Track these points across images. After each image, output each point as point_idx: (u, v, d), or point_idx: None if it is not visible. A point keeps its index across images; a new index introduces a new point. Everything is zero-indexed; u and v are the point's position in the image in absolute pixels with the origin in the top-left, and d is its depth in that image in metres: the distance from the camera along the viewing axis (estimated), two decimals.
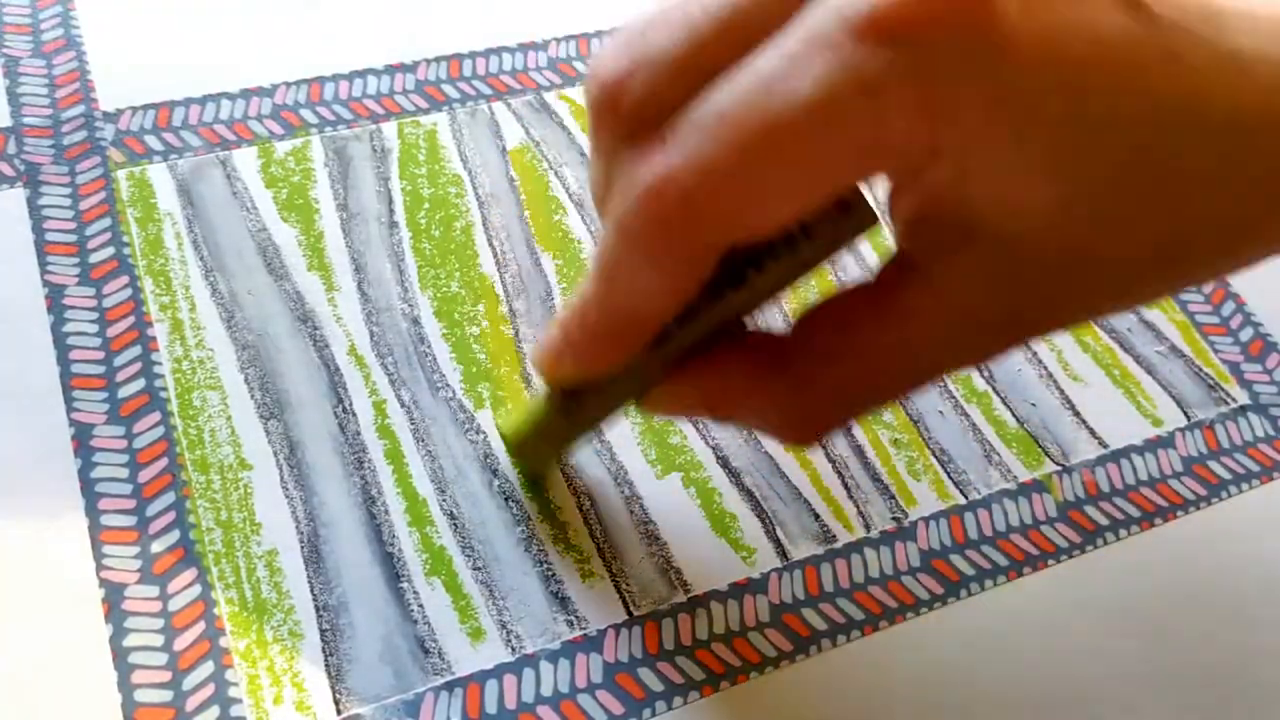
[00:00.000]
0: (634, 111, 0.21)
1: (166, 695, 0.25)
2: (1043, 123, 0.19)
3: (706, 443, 0.31)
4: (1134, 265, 0.21)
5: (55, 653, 0.25)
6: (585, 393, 0.26)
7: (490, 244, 0.33)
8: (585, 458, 0.30)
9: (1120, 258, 0.21)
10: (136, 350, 0.30)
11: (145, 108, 0.34)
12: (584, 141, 0.36)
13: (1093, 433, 0.33)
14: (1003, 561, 0.30)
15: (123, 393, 0.29)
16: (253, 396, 0.29)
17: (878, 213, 0.23)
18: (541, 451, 0.28)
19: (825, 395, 0.23)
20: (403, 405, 0.30)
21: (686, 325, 0.24)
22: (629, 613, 0.28)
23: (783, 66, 0.19)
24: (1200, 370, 0.35)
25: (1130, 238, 0.21)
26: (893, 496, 0.31)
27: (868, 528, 0.30)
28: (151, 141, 0.34)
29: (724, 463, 0.31)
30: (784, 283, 0.24)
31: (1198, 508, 0.32)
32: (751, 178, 0.20)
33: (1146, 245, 0.21)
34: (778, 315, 0.34)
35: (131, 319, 0.30)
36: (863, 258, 0.35)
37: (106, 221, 0.32)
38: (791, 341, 0.24)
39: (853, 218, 0.23)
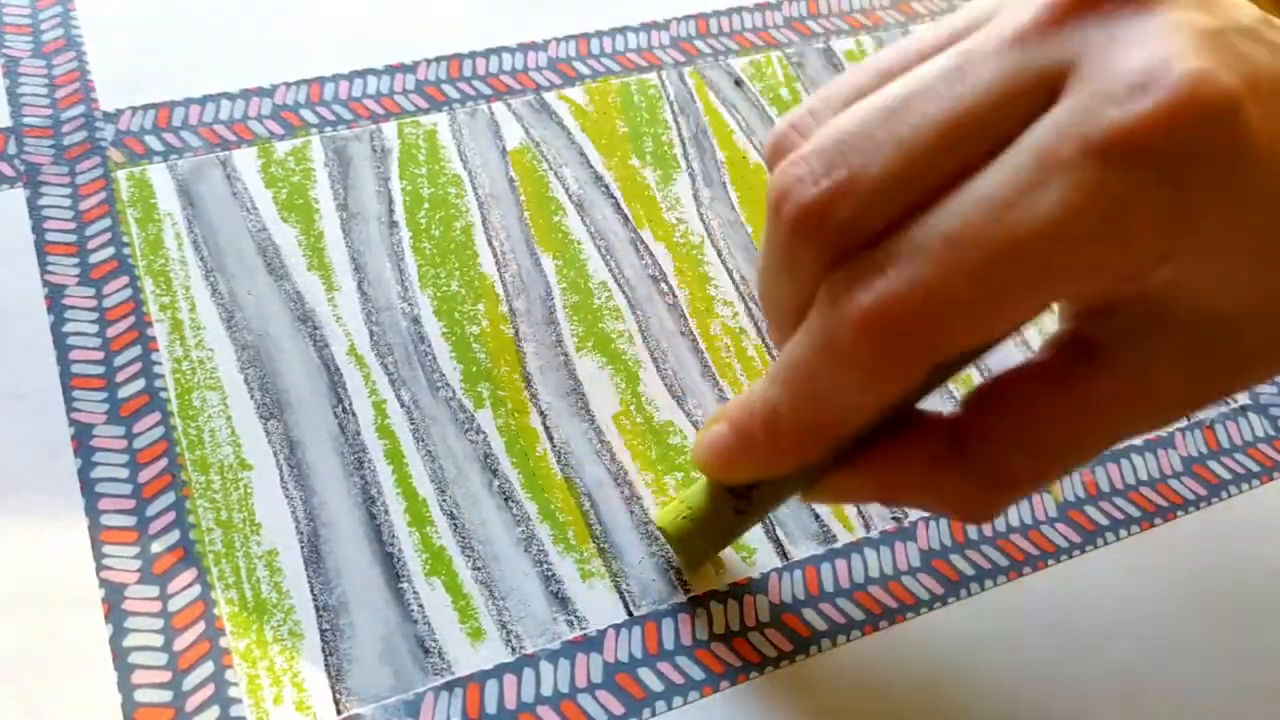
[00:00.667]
0: (841, 236, 0.21)
1: (166, 695, 0.25)
2: (1255, 222, 0.19)
3: None
4: None
5: (55, 653, 0.25)
6: (756, 488, 0.25)
7: (490, 244, 0.33)
8: (585, 457, 0.30)
9: None
10: (136, 350, 0.30)
11: (145, 108, 0.34)
12: (583, 141, 0.36)
13: None
14: (1003, 561, 0.30)
15: (123, 393, 0.29)
16: (253, 396, 0.29)
17: None
18: (705, 543, 0.27)
19: (1003, 479, 0.23)
20: (403, 405, 0.30)
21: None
22: (629, 613, 0.28)
23: (1015, 189, 0.19)
24: None
25: None
26: None
27: (868, 528, 0.30)
28: (151, 141, 0.34)
29: None
30: (946, 375, 0.24)
31: (1198, 508, 0.32)
32: (980, 302, 0.19)
33: None
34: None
35: (131, 319, 0.30)
36: None
37: (106, 221, 0.32)
38: (964, 428, 0.23)
39: None
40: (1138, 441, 0.33)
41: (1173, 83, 0.18)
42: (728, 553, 0.29)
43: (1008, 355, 0.34)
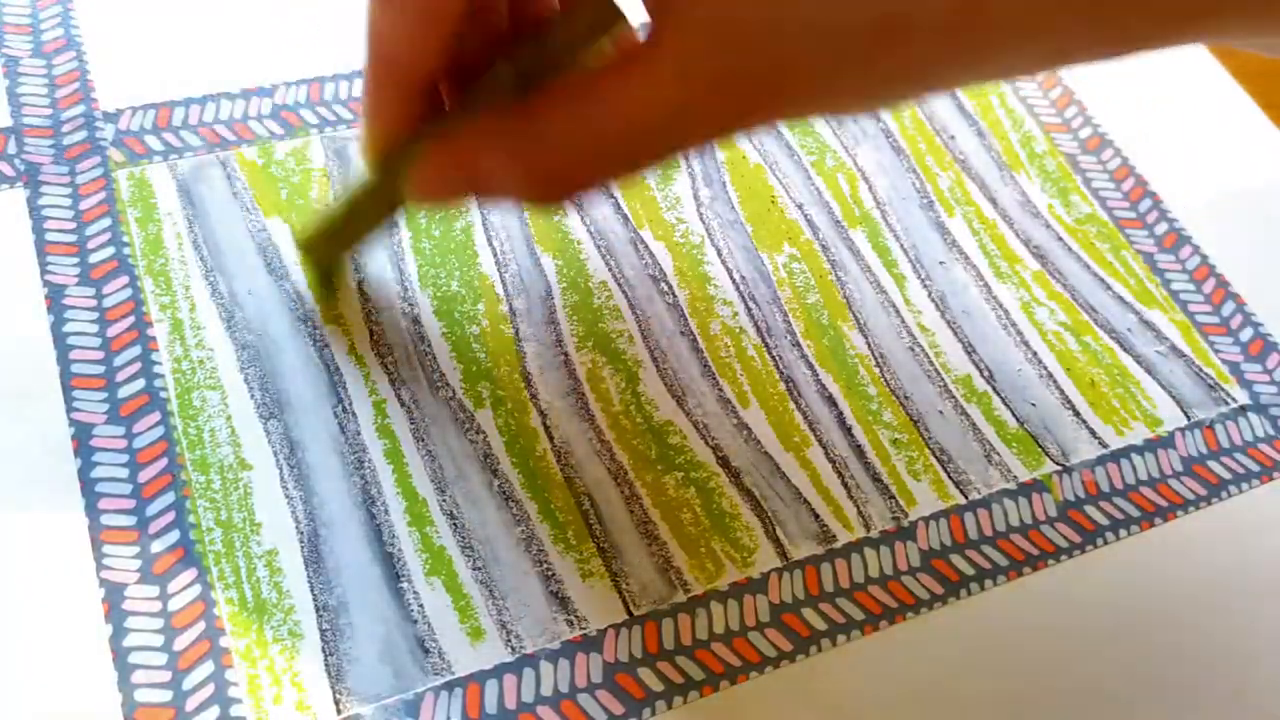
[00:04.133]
0: None
1: (166, 695, 0.25)
2: None
3: (707, 443, 0.31)
4: (855, 37, 0.21)
5: (55, 653, 0.25)
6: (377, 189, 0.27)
7: (490, 244, 0.33)
8: (586, 457, 0.30)
9: (838, 24, 0.21)
10: (136, 350, 0.30)
11: (145, 108, 0.34)
12: None
13: (1093, 433, 0.33)
14: (1003, 561, 0.30)
15: (123, 393, 0.29)
16: (253, 396, 0.29)
17: (624, 14, 0.25)
18: (330, 248, 0.31)
19: (561, 147, 0.23)
20: (403, 405, 0.30)
21: (453, 111, 0.25)
22: (629, 613, 0.28)
23: None
24: (1200, 370, 0.35)
25: (845, 4, 0.20)
26: (893, 496, 0.31)
27: (868, 528, 0.30)
28: (151, 141, 0.34)
29: (724, 462, 0.31)
30: (536, 73, 0.25)
31: (1198, 508, 0.32)
32: None
33: (863, 10, 0.20)
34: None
35: (131, 319, 0.30)
36: (863, 258, 0.35)
37: (106, 221, 0.32)
38: (537, 100, 0.24)
39: (598, 13, 0.24)
40: (1138, 441, 0.33)
41: None
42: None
43: (1006, 351, 0.34)
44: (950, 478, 0.31)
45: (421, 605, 0.27)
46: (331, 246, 0.31)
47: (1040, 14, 0.21)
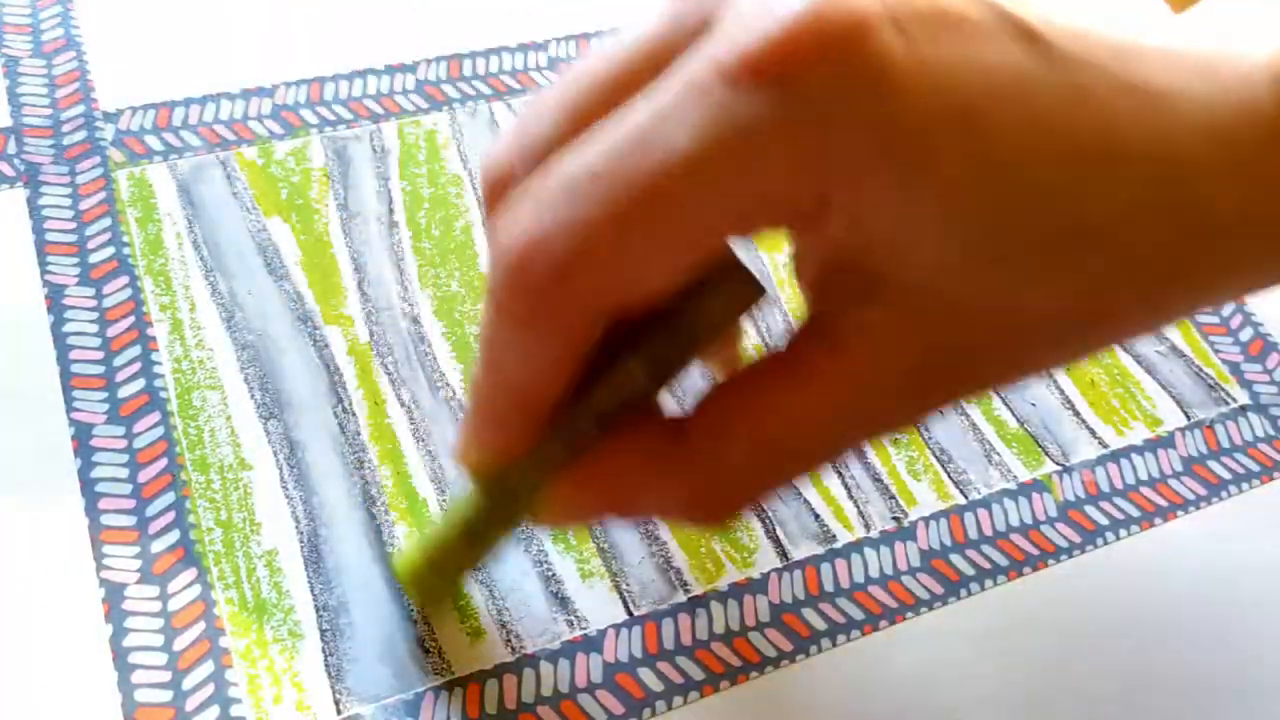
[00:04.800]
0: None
1: (166, 695, 0.25)
2: (934, 163, 0.18)
3: None
4: (1055, 318, 0.20)
5: (55, 653, 0.25)
6: (494, 516, 0.24)
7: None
8: None
9: (1039, 310, 0.19)
10: (136, 350, 0.30)
11: (145, 108, 0.34)
12: None
13: (1093, 433, 0.33)
14: (1003, 561, 0.30)
15: (123, 393, 0.29)
16: (253, 396, 0.29)
17: (765, 285, 0.22)
18: (440, 579, 0.26)
19: (729, 472, 0.21)
20: (403, 405, 0.30)
21: (569, 418, 0.22)
22: (629, 613, 0.28)
23: (656, 117, 0.18)
24: (1200, 370, 0.35)
25: (1046, 288, 0.19)
26: (893, 496, 0.31)
27: (868, 528, 0.30)
28: (151, 141, 0.34)
29: None
30: (671, 364, 0.22)
31: (1198, 508, 0.32)
32: (626, 238, 0.18)
33: (1066, 296, 0.19)
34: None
35: (131, 319, 0.30)
36: None
37: (106, 221, 0.32)
38: (693, 419, 0.21)
39: (739, 289, 0.21)
40: (1138, 441, 0.33)
41: (799, 3, 0.17)
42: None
43: None
44: (950, 477, 0.31)
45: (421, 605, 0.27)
46: (442, 577, 0.26)
47: (1241, 265, 0.20)
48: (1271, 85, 0.19)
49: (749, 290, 0.21)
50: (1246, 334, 0.36)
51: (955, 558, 0.30)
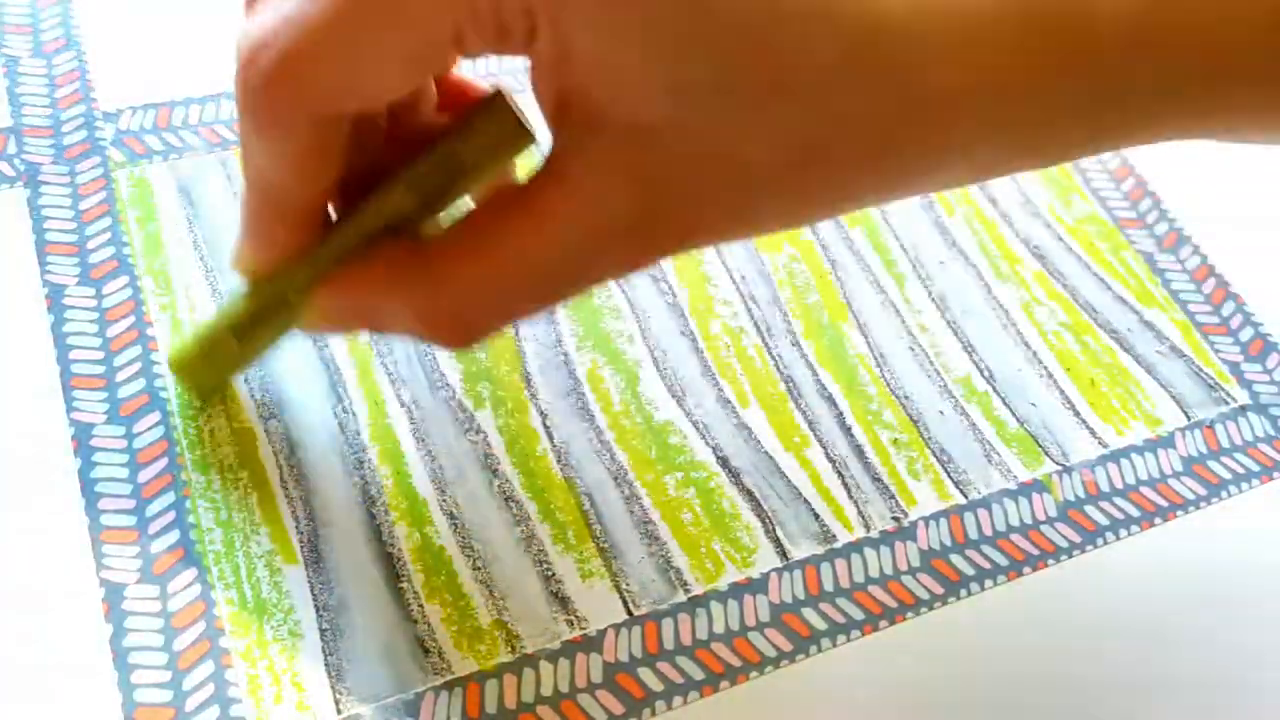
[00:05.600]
0: None
1: (166, 695, 0.25)
2: (640, 2, 0.18)
3: (706, 443, 0.31)
4: (771, 169, 0.20)
5: (55, 653, 0.25)
6: (263, 316, 0.26)
7: None
8: (585, 457, 0.30)
9: (754, 158, 0.20)
10: (136, 350, 0.30)
11: (145, 108, 0.34)
12: None
13: (1093, 433, 0.33)
14: (1003, 561, 0.30)
15: (123, 393, 0.29)
16: (253, 396, 0.29)
17: (535, 133, 0.23)
18: (209, 372, 0.28)
19: (463, 294, 0.22)
20: (403, 405, 0.30)
21: (337, 231, 0.24)
22: (629, 613, 0.28)
23: None
24: (1200, 370, 0.35)
25: (759, 135, 0.20)
26: (893, 496, 0.31)
27: (868, 528, 0.30)
28: (151, 141, 0.34)
29: (724, 463, 0.31)
30: (436, 193, 0.23)
31: (1198, 508, 0.32)
32: (342, 39, 0.19)
33: (779, 145, 0.20)
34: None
35: (131, 319, 0.30)
36: (860, 248, 0.35)
37: (106, 221, 0.32)
38: (435, 241, 0.23)
39: (505, 130, 0.23)
40: (1138, 441, 0.33)
41: None
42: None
43: (1006, 351, 0.34)
44: (950, 478, 0.31)
45: (421, 605, 0.27)
46: (213, 370, 0.28)
47: (958, 143, 0.21)
48: None
49: (515, 133, 0.23)
50: (1246, 334, 0.36)
51: (955, 558, 0.30)
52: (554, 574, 0.28)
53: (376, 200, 0.23)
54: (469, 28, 0.19)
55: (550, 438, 0.30)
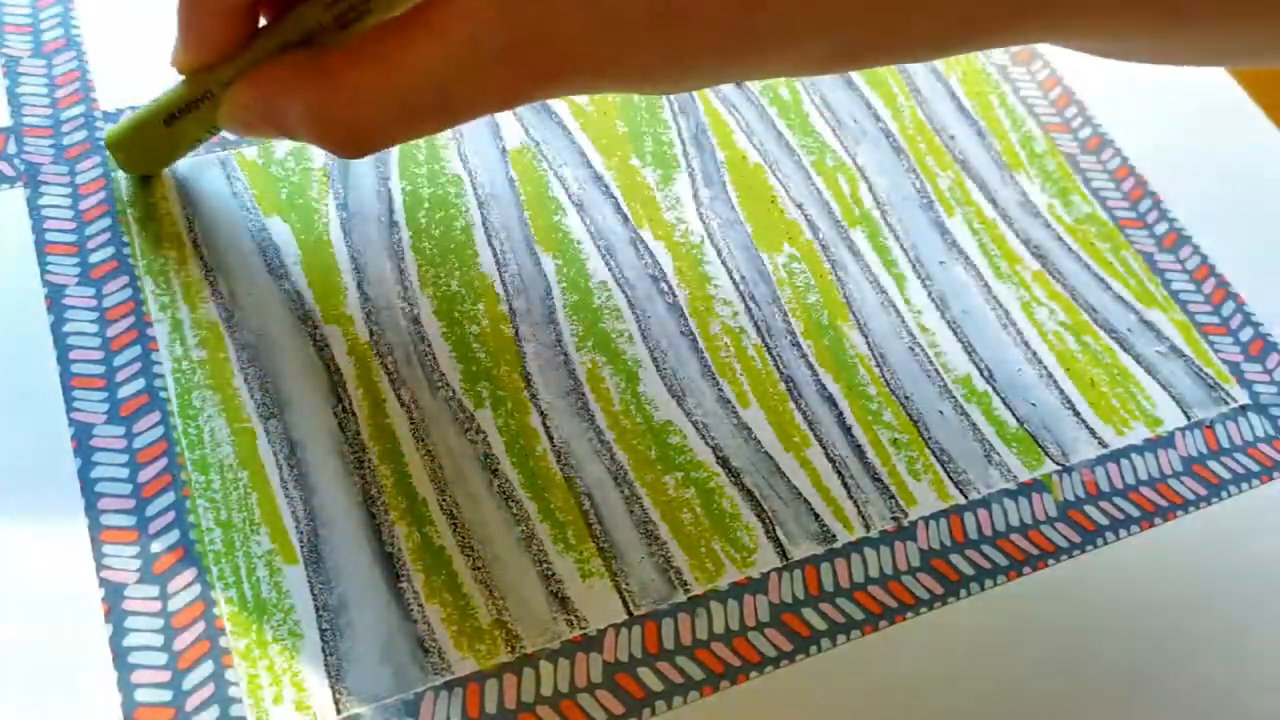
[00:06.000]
0: None
1: (166, 695, 0.25)
2: None
3: (707, 443, 0.31)
4: (630, 22, 0.22)
5: (55, 653, 0.25)
6: (189, 106, 0.29)
7: (490, 243, 0.33)
8: (586, 457, 0.30)
9: (614, 10, 0.21)
10: (136, 350, 0.30)
11: None
12: (583, 141, 0.36)
13: (1093, 433, 0.33)
14: (1003, 561, 0.30)
15: (123, 393, 0.29)
16: (253, 396, 0.29)
17: None
18: (141, 151, 0.31)
19: (353, 98, 0.24)
20: (403, 405, 0.30)
21: (260, 37, 0.27)
22: (629, 613, 0.28)
23: None
24: (1200, 370, 0.35)
25: None
26: (893, 496, 0.31)
27: (868, 528, 0.30)
28: None
29: (724, 463, 0.31)
30: (350, 10, 0.26)
31: (1198, 508, 0.32)
32: None
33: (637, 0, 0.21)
34: None
35: (131, 319, 0.30)
36: (859, 254, 0.35)
37: (106, 221, 0.32)
38: (336, 51, 0.25)
39: None
40: (1138, 441, 0.33)
41: None
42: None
43: (1006, 351, 0.34)
44: (950, 478, 0.31)
45: (421, 605, 0.27)
46: (145, 154, 0.31)
47: (814, 18, 0.21)
48: None
49: None
50: (1246, 334, 0.36)
51: (955, 558, 0.30)
52: (554, 574, 0.28)
53: (297, 12, 0.26)
54: None
55: (550, 438, 0.30)
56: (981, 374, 0.34)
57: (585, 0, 0.21)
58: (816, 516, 0.30)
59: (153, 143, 0.31)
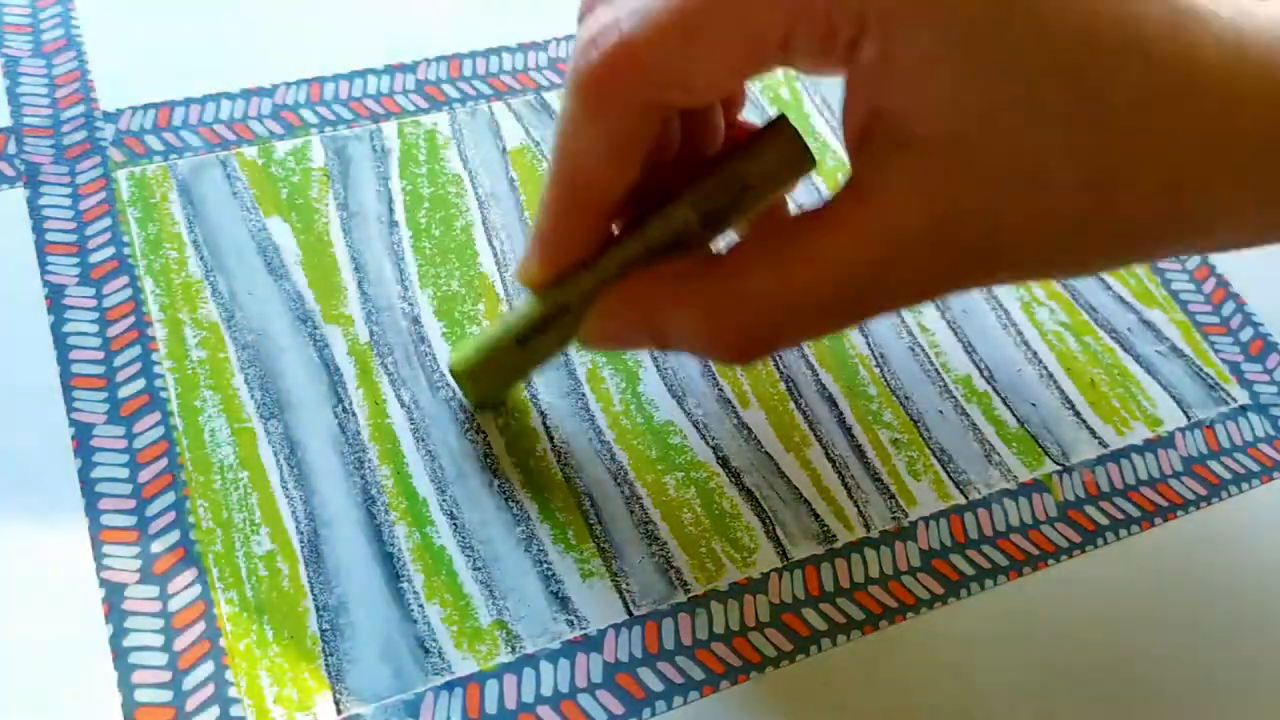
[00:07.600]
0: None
1: (166, 695, 0.25)
2: (965, 14, 0.19)
3: (707, 443, 0.31)
4: (1065, 193, 0.21)
5: (55, 653, 0.25)
6: (545, 323, 0.26)
7: (490, 243, 0.33)
8: (585, 457, 0.30)
9: (1051, 180, 0.20)
10: (136, 350, 0.30)
11: (145, 108, 0.34)
12: None
13: (1093, 433, 0.33)
14: (1003, 561, 0.30)
15: (123, 393, 0.29)
16: (253, 396, 0.29)
17: (815, 157, 0.24)
18: (493, 379, 0.29)
19: (757, 306, 0.23)
20: (403, 405, 0.30)
21: (621, 244, 0.25)
22: (629, 613, 0.28)
23: None
24: (1200, 370, 0.35)
25: (1059, 156, 0.20)
26: (893, 496, 0.31)
27: (868, 528, 0.30)
28: (151, 141, 0.34)
29: (724, 463, 0.31)
30: (719, 212, 0.24)
31: (1198, 508, 0.32)
32: (688, 29, 0.21)
33: (1077, 169, 0.20)
34: None
35: (131, 319, 0.30)
36: None
37: (106, 221, 0.32)
38: (731, 256, 0.23)
39: (789, 151, 0.24)
40: (1138, 441, 0.33)
41: None
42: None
43: (1006, 351, 0.34)
44: (950, 478, 0.31)
45: (421, 605, 0.27)
46: (497, 379, 0.29)
47: (1248, 197, 0.21)
48: None
49: (799, 155, 0.24)
50: (1246, 334, 0.36)
51: (955, 558, 0.30)
52: (554, 574, 0.28)
53: (662, 215, 0.24)
54: (800, 27, 0.20)
55: (550, 438, 0.30)
56: (982, 374, 0.34)
57: (1023, 173, 0.20)
58: (817, 516, 0.30)
59: (506, 367, 0.28)
